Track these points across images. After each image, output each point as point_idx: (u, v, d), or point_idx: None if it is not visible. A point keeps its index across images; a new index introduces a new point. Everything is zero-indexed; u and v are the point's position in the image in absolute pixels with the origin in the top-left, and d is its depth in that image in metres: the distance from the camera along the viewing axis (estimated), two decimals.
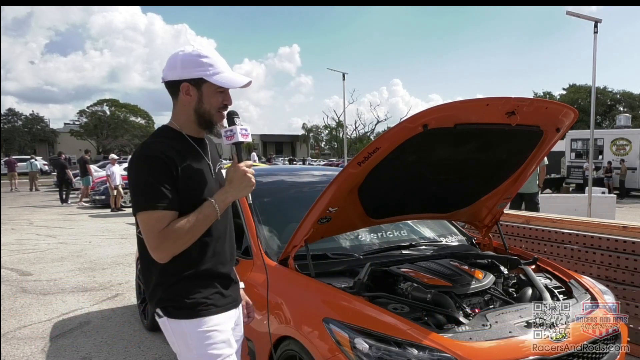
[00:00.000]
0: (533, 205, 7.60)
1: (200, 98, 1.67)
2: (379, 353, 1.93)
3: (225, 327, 1.73)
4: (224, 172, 1.82)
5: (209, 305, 1.69)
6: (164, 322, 1.69)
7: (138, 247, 1.76)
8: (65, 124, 55.77)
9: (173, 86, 1.68)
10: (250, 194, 1.70)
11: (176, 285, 1.66)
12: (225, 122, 1.74)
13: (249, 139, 1.73)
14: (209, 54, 1.66)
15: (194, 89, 1.66)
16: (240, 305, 1.91)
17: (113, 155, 15.38)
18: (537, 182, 7.74)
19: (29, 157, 27.54)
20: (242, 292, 2.01)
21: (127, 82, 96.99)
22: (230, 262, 1.84)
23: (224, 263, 1.78)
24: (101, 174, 16.55)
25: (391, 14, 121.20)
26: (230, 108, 1.73)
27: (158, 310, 1.69)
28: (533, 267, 2.82)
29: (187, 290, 1.66)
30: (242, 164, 1.66)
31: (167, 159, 1.59)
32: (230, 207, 1.80)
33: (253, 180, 1.67)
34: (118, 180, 14.10)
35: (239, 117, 1.72)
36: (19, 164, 24.96)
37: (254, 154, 24.43)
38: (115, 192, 14.11)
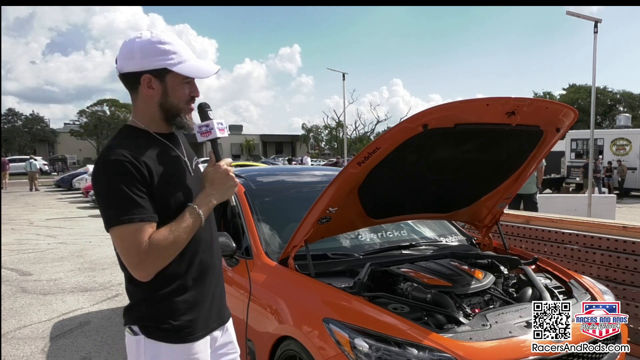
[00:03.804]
0: (532, 205, 7.62)
1: (165, 91, 1.47)
2: (378, 353, 1.93)
3: (207, 354, 1.58)
4: (201, 167, 1.65)
5: (196, 329, 1.53)
6: (138, 341, 1.49)
7: (119, 262, 1.53)
8: (65, 124, 55.68)
9: (132, 79, 1.47)
10: (250, 194, 1.63)
11: (163, 303, 1.48)
12: (195, 117, 1.56)
13: (226, 134, 1.55)
14: (170, 40, 1.46)
15: (156, 80, 1.45)
16: (231, 321, 1.74)
17: None
18: (537, 182, 7.77)
19: (28, 157, 27.54)
20: None
21: None
22: (219, 268, 1.69)
23: (213, 272, 1.62)
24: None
25: (391, 14, 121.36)
26: (199, 100, 1.56)
27: (134, 327, 1.50)
28: (533, 267, 2.82)
29: (174, 310, 1.49)
30: (222, 163, 1.50)
31: (137, 162, 1.38)
32: (212, 210, 1.62)
33: (236, 179, 1.54)
34: None
35: (211, 110, 1.56)
36: (11, 164, 25.04)
37: (306, 156, 22.54)
38: None
